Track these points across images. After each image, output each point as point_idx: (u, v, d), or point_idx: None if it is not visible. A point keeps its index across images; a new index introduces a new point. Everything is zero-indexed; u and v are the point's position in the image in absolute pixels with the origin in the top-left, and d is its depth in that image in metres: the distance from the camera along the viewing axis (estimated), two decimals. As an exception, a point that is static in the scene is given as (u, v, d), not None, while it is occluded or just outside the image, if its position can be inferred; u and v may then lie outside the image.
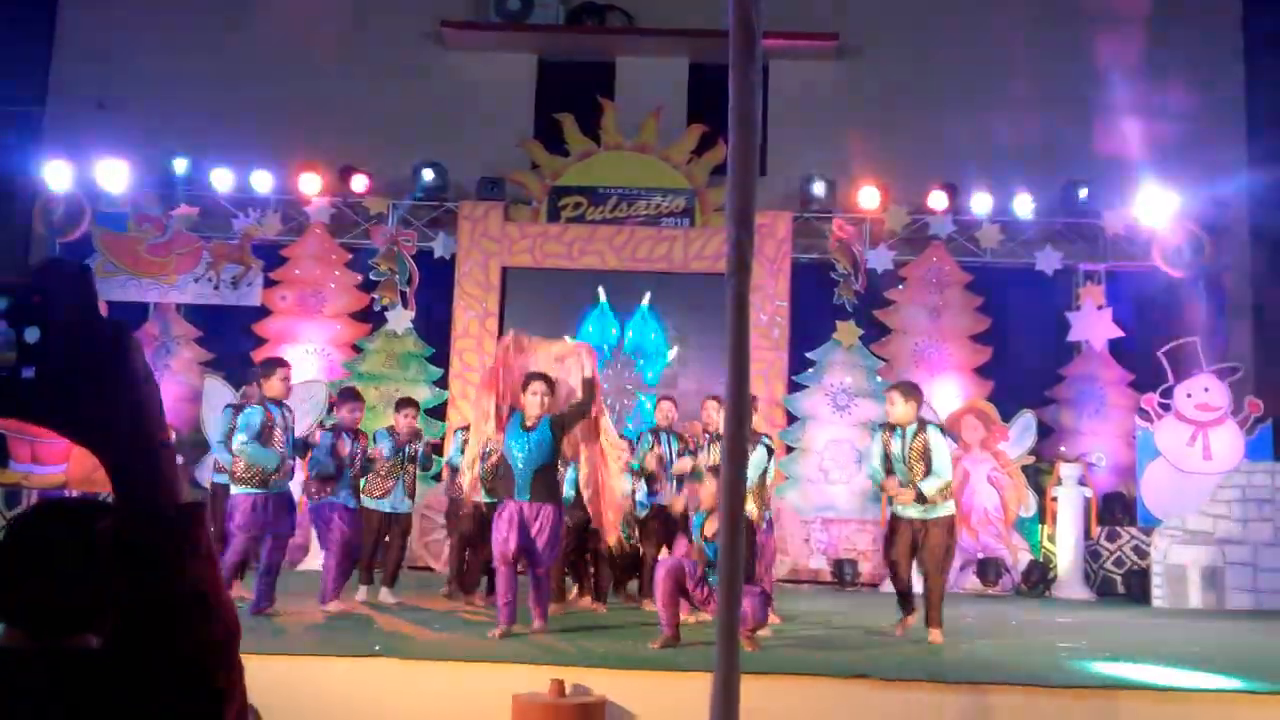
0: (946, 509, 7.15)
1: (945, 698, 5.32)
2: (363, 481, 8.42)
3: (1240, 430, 11.65)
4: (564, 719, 5.07)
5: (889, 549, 7.29)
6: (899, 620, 7.41)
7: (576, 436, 7.20)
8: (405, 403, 8.99)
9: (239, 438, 7.41)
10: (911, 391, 7.38)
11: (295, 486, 8.21)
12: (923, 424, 7.24)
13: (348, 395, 8.54)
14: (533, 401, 6.79)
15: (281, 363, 7.92)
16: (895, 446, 7.20)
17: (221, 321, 13.03)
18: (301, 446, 7.98)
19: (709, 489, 6.77)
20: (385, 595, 8.65)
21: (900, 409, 7.21)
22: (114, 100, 13.46)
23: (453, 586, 8.84)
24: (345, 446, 8.00)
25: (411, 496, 8.88)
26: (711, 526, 6.43)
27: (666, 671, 5.53)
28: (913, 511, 7.11)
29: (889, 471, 7.24)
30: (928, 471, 7.06)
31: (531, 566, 6.82)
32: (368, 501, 8.60)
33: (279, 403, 7.64)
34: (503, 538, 6.69)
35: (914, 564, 7.24)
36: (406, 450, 8.73)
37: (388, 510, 8.69)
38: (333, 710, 5.31)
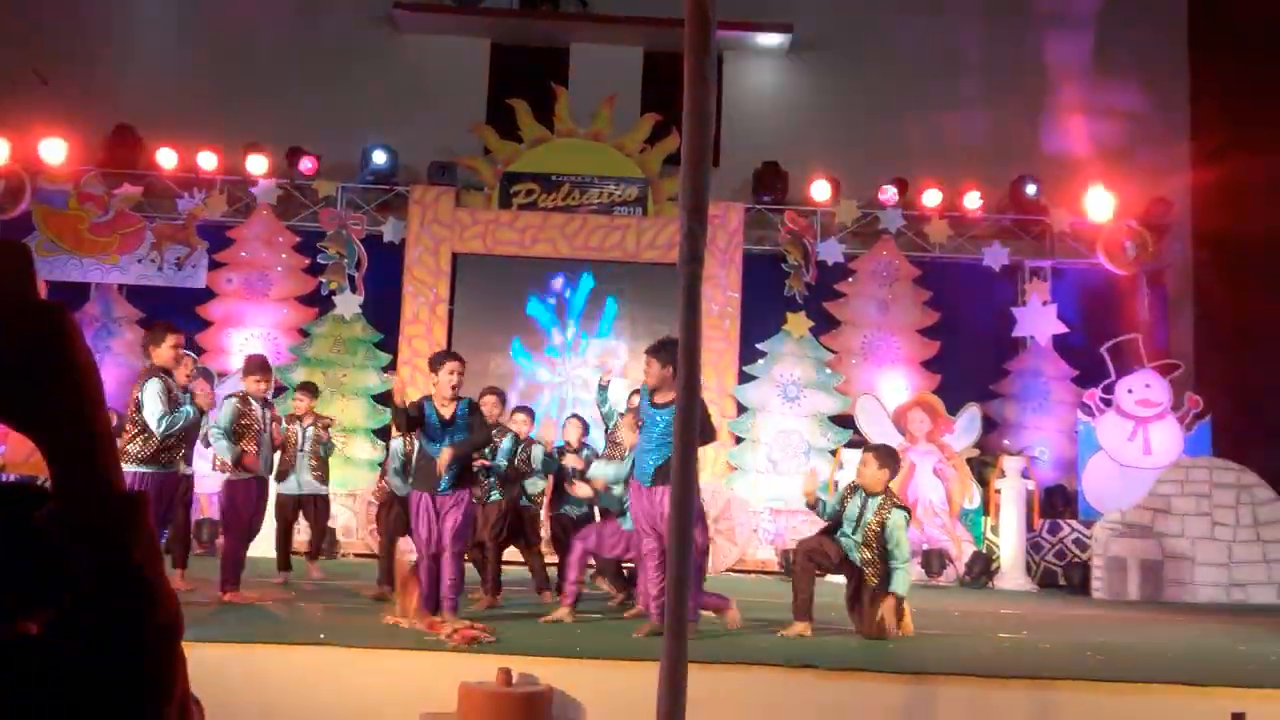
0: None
1: (889, 687, 5.37)
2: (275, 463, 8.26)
3: (1180, 426, 11.89)
4: (510, 707, 5.05)
5: (806, 569, 6.69)
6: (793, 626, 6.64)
7: None
8: (303, 387, 9.15)
9: (155, 418, 6.63)
10: (888, 459, 6.80)
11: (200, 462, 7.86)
12: (890, 503, 6.64)
13: (255, 365, 7.82)
14: (447, 381, 6.53)
15: (170, 328, 7.00)
16: (852, 508, 6.67)
17: (165, 303, 12.75)
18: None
19: (654, 370, 6.40)
20: (314, 572, 8.76)
21: (872, 473, 6.68)
22: (57, 76, 13.17)
23: (383, 587, 7.96)
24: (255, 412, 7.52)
25: (322, 480, 8.91)
26: (663, 396, 6.36)
27: (614, 661, 5.53)
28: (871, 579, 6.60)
29: (830, 520, 6.75)
30: (880, 556, 6.51)
31: (437, 554, 6.62)
32: (276, 487, 8.53)
33: (169, 372, 6.85)
34: (419, 531, 6.64)
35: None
36: (308, 433, 8.76)
37: (295, 493, 8.77)
38: (277, 698, 5.25)
